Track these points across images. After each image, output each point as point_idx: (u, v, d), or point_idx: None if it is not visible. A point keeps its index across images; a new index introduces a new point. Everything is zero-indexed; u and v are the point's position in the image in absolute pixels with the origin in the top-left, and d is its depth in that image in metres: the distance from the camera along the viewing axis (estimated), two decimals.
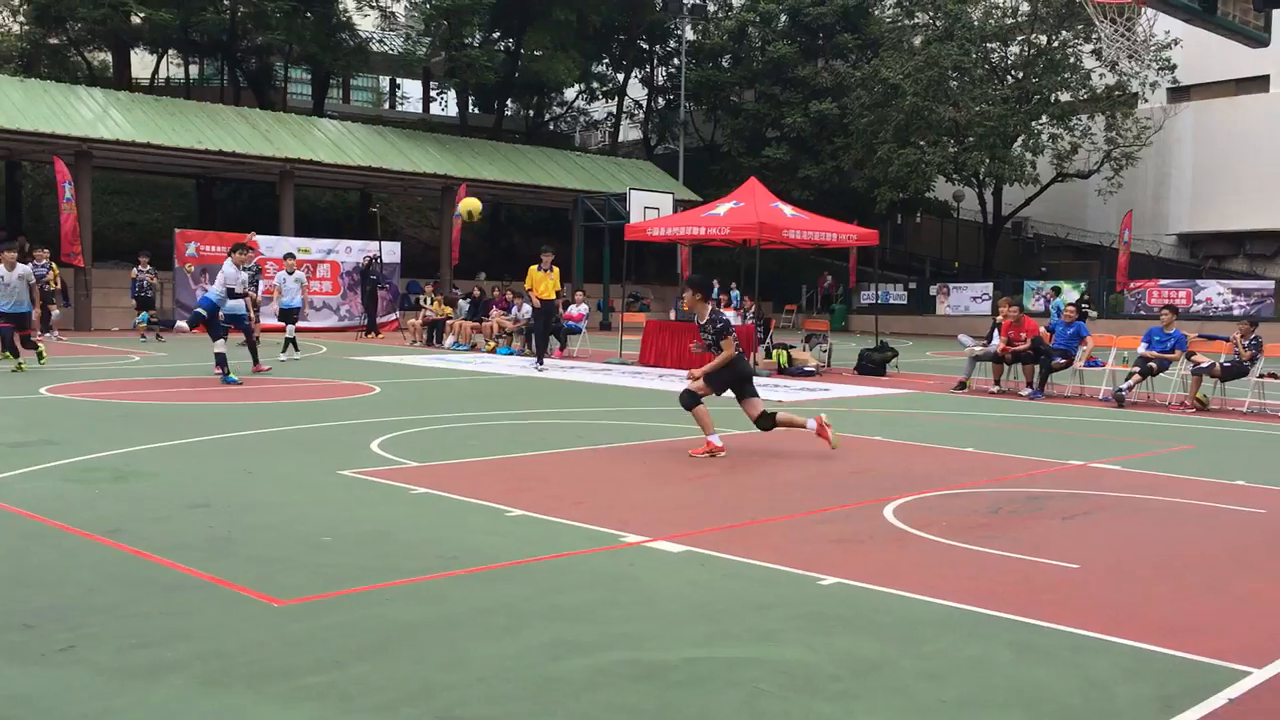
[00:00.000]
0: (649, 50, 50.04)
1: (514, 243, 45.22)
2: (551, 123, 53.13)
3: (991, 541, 6.25)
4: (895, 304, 41.85)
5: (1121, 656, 4.32)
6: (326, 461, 8.37)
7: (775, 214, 19.91)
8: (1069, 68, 40.30)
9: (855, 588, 5.22)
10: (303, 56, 40.73)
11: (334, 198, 43.58)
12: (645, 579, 5.32)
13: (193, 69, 47.53)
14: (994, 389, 16.29)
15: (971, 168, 40.81)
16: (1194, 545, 6.46)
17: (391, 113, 55.12)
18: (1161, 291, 35.13)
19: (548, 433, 10.70)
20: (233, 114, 33.36)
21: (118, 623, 4.43)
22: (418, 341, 25.67)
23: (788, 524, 6.67)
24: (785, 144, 44.47)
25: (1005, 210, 44.75)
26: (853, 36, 45.39)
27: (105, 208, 36.48)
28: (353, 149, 33.90)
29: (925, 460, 9.48)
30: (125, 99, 31.83)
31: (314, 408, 12.23)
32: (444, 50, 40.48)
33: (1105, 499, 7.77)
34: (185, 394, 13.18)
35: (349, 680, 3.87)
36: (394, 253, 32.13)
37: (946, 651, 4.34)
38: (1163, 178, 45.05)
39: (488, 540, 6.03)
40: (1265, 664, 4.25)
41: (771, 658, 4.22)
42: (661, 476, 8.34)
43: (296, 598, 4.83)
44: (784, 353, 19.23)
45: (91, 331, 26.62)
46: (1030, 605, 4.97)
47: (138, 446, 8.90)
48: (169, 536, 5.89)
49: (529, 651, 4.21)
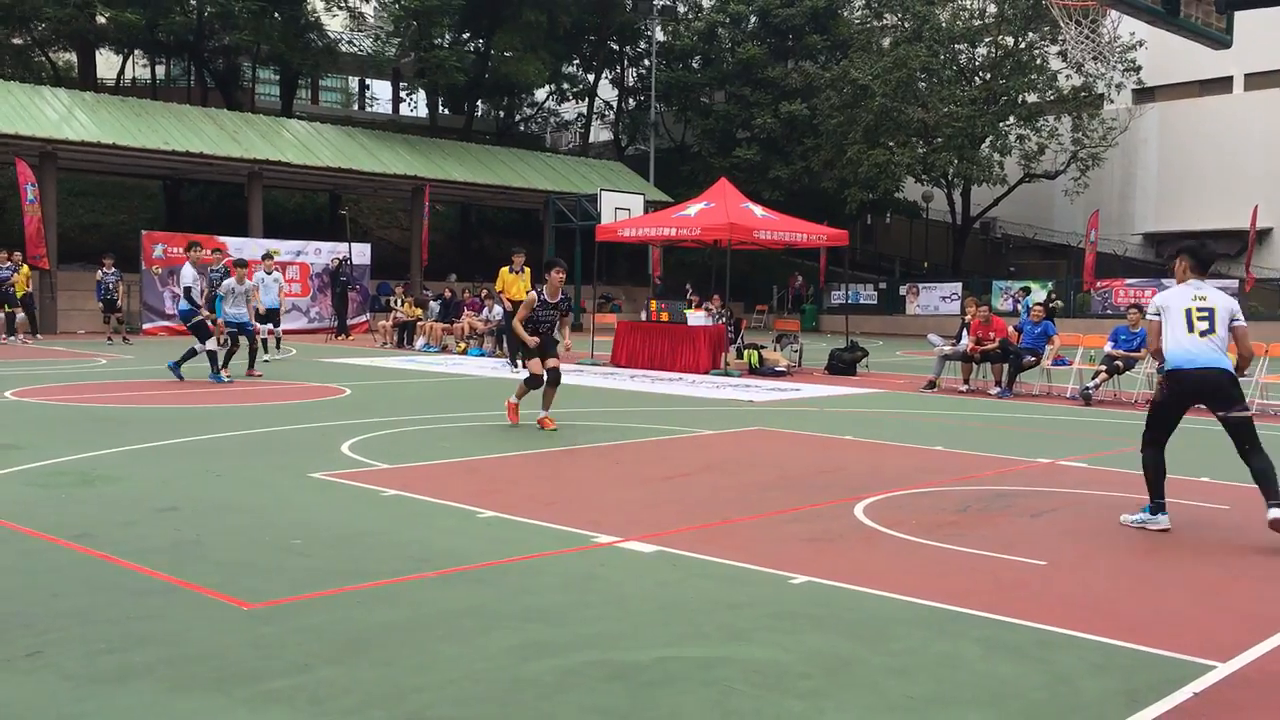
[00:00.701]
0: (619, 51, 50.05)
1: (485, 244, 45.13)
2: (522, 124, 53.05)
3: (960, 539, 6.29)
4: (865, 304, 42.05)
5: (1088, 652, 4.36)
6: (296, 464, 8.32)
7: (746, 214, 19.97)
8: (1036, 69, 40.64)
9: (826, 586, 5.24)
10: (270, 57, 40.47)
11: (303, 199, 43.33)
12: (616, 579, 5.33)
13: (159, 69, 47.14)
14: (963, 388, 16.41)
15: (940, 168, 41.08)
16: (1159, 541, 6.53)
17: (361, 114, 54.86)
18: (1128, 291, 35.46)
19: (519, 434, 10.68)
20: (200, 115, 33.10)
21: (85, 628, 4.39)
22: (388, 343, 25.55)
23: (758, 523, 6.69)
24: (755, 145, 44.60)
25: (974, 210, 45.07)
26: (822, 38, 45.58)
27: (71, 209, 36.12)
28: (322, 150, 33.72)
29: (895, 459, 9.54)
30: (90, 100, 31.52)
31: (284, 410, 12.16)
32: (413, 51, 40.36)
33: (1072, 496, 7.85)
34: (153, 397, 13.07)
35: (318, 683, 3.86)
36: (364, 254, 31.98)
37: (916, 649, 4.37)
38: (1128, 178, 45.50)
39: (458, 542, 6.01)
40: (1229, 658, 4.31)
41: (742, 656, 4.23)
42: (633, 477, 8.34)
43: (265, 601, 4.80)
44: (755, 353, 19.29)
45: (57, 334, 26.34)
46: (998, 602, 5.02)
47: (105, 450, 8.82)
48: (137, 540, 5.85)
49: (499, 653, 4.21)
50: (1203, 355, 6.55)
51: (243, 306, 16.18)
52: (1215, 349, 6.55)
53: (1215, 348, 6.56)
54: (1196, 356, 6.55)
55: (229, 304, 16.15)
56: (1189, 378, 6.54)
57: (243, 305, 16.18)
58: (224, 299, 16.25)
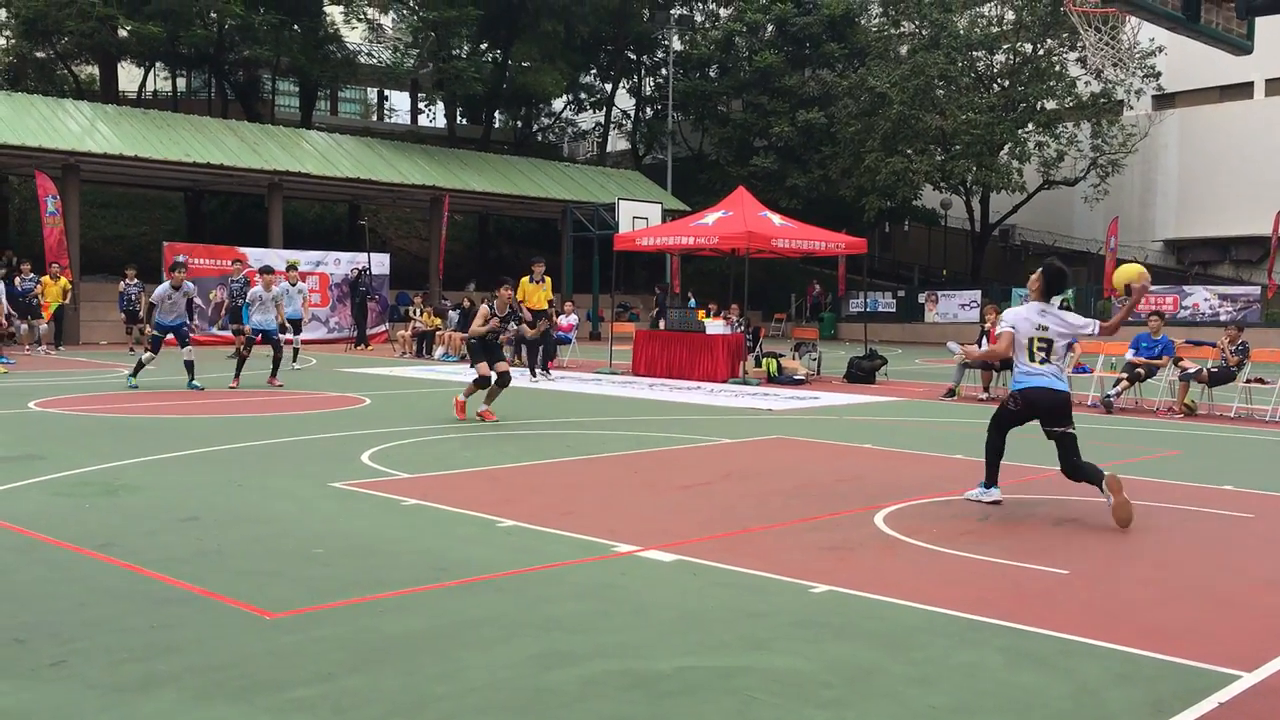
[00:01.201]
0: (636, 60, 50.15)
1: (503, 253, 45.25)
2: (539, 133, 53.19)
3: (981, 547, 6.27)
4: (884, 312, 41.93)
5: (1112, 661, 4.33)
6: (317, 474, 8.36)
7: (763, 223, 19.95)
8: (1054, 76, 40.50)
9: (846, 595, 5.23)
10: (290, 69, 40.74)
11: (322, 209, 43.55)
12: (636, 588, 5.33)
13: (180, 82, 47.50)
14: (983, 396, 16.34)
15: (959, 176, 40.96)
16: (1182, 550, 6.49)
17: (379, 124, 55.11)
18: (1149, 298, 35.26)
19: (538, 443, 10.70)
20: (220, 126, 33.33)
21: (109, 637, 4.42)
22: (407, 353, 25.63)
23: (779, 532, 6.68)
24: (773, 153, 44.58)
25: (993, 218, 44.93)
26: (839, 46, 45.55)
27: (93, 221, 36.39)
28: (341, 161, 33.89)
29: (915, 467, 9.51)
30: (113, 112, 31.78)
31: (304, 420, 12.21)
32: (432, 62, 40.52)
33: (1094, 505, 7.80)
34: (174, 407, 13.15)
35: (341, 692, 3.87)
36: (383, 264, 32.11)
37: (937, 658, 4.35)
38: (1149, 184, 45.28)
39: (479, 551, 6.02)
40: (1255, 668, 4.28)
41: (763, 666, 4.23)
42: (652, 486, 8.34)
43: (288, 610, 4.83)
44: (774, 361, 19.27)
45: (79, 345, 26.53)
46: (1020, 611, 4.99)
47: (127, 460, 8.88)
48: (160, 550, 5.88)
49: (521, 662, 4.21)
50: (1043, 379, 7.43)
51: (271, 314, 16.33)
52: (1054, 374, 7.43)
53: (1053, 373, 7.43)
54: (1039, 380, 7.44)
55: (256, 311, 16.30)
56: (1032, 396, 7.46)
57: (271, 312, 16.34)
58: (251, 306, 16.39)
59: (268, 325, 16.29)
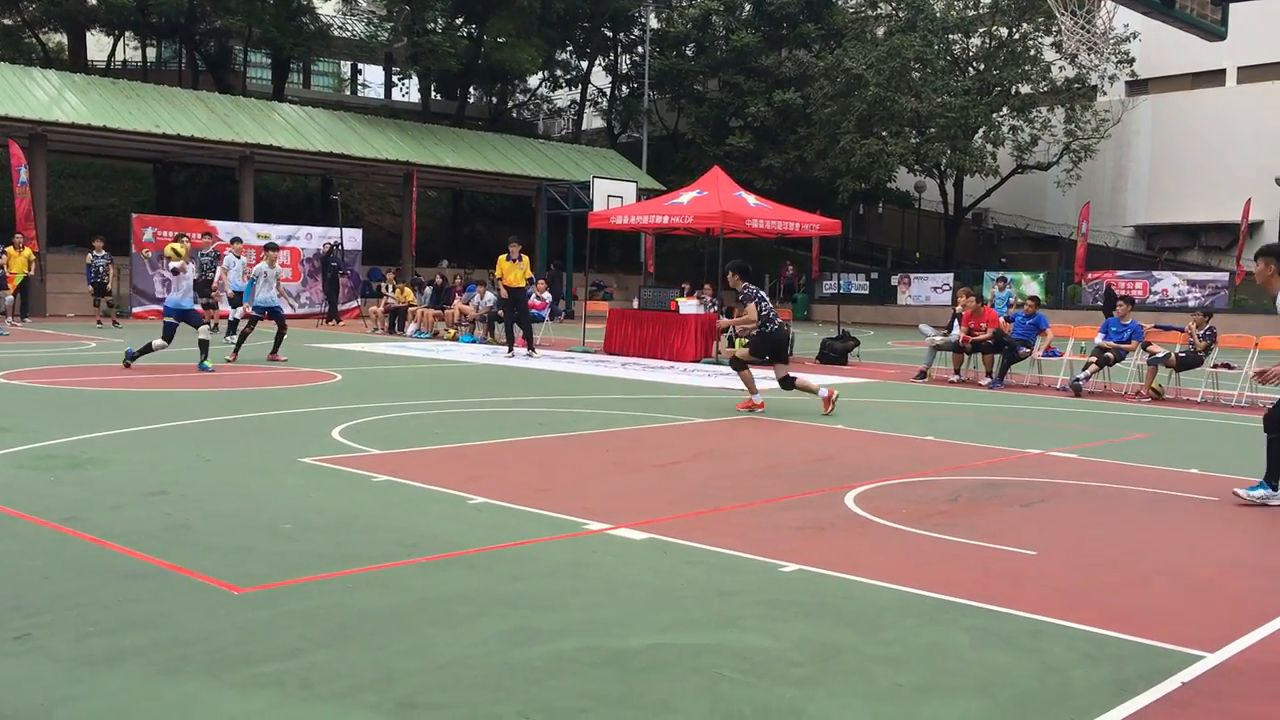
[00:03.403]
0: (612, 38, 49.88)
1: (476, 230, 45.03)
2: (515, 110, 52.86)
3: (951, 528, 6.31)
4: (857, 293, 42.07)
5: (1078, 641, 4.37)
6: (287, 449, 8.31)
7: (738, 203, 19.95)
8: (1029, 60, 40.64)
9: (816, 574, 5.25)
10: (262, 40, 40.24)
11: (294, 183, 43.15)
12: (608, 566, 5.33)
13: (150, 52, 46.89)
14: (954, 378, 16.43)
15: (933, 158, 41.08)
16: (1148, 532, 6.56)
17: (353, 98, 54.62)
18: (1118, 283, 35.54)
19: (510, 420, 10.68)
20: (191, 98, 32.92)
21: (74, 611, 4.38)
22: (379, 329, 25.51)
23: (750, 511, 6.69)
24: (748, 133, 44.52)
25: (966, 201, 45.10)
26: (816, 26, 45.49)
27: (60, 192, 35.91)
28: (313, 134, 33.58)
29: (886, 448, 9.56)
30: (81, 81, 31.32)
31: (274, 395, 12.13)
32: (406, 36, 40.13)
33: (1062, 487, 7.87)
34: (143, 381, 13.03)
35: (309, 667, 3.85)
36: (355, 239, 31.90)
37: (906, 637, 4.38)
38: (1121, 170, 45.57)
39: (450, 528, 6.01)
40: (1218, 648, 4.33)
41: (733, 644, 4.24)
42: (624, 465, 8.34)
43: (256, 585, 4.79)
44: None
45: (45, 317, 26.23)
46: (988, 591, 5.03)
47: (94, 433, 8.80)
48: (127, 524, 5.83)
49: (490, 639, 4.21)
50: None
51: (274, 290, 16.47)
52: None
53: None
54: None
55: (261, 288, 16.43)
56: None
57: (274, 289, 16.48)
58: (256, 283, 16.52)
59: (271, 301, 16.42)
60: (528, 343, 19.13)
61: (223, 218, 30.38)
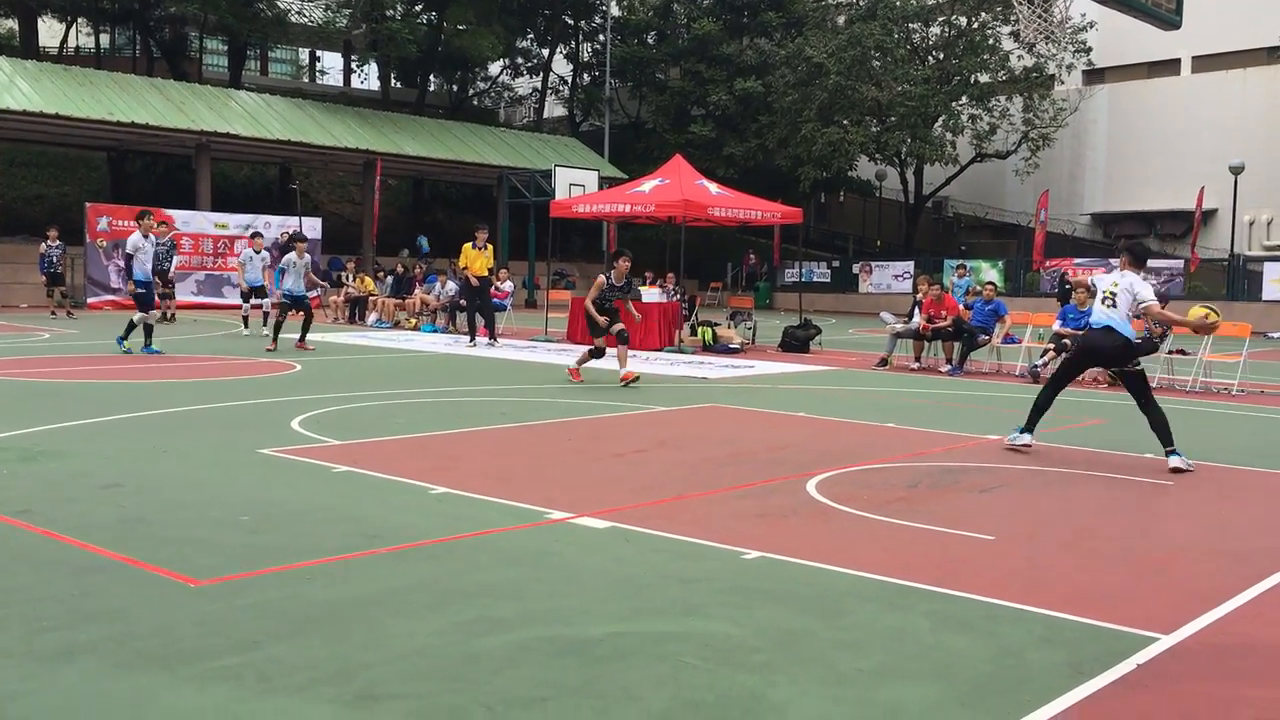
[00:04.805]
0: (574, 26, 49.72)
1: (438, 219, 44.76)
2: (475, 98, 52.60)
3: (910, 515, 6.35)
4: (819, 282, 42.25)
5: (1035, 624, 4.42)
6: (245, 440, 8.22)
7: (700, 191, 19.95)
8: (988, 49, 40.94)
9: (778, 561, 5.27)
10: (218, 26, 39.77)
11: (252, 172, 42.72)
12: (569, 555, 5.32)
13: (103, 38, 46.18)
14: (914, 365, 16.55)
15: (893, 147, 41.31)
16: (1105, 516, 6.63)
17: (311, 86, 54.13)
18: (1075, 270, 35.90)
19: (472, 410, 10.63)
20: (146, 85, 32.48)
21: (26, 606, 4.31)
22: (340, 319, 25.31)
23: (712, 499, 6.71)
24: (710, 122, 44.56)
25: (926, 190, 45.41)
26: (777, 15, 45.57)
27: (13, 180, 35.36)
28: (271, 122, 33.22)
29: (847, 435, 9.60)
30: (33, 68, 30.79)
31: (233, 385, 12.01)
32: (365, 22, 39.81)
33: (1020, 472, 7.94)
34: (97, 372, 12.85)
35: (267, 660, 3.82)
36: (314, 228, 31.60)
37: (866, 622, 4.41)
38: (1078, 159, 46.03)
39: (410, 518, 5.97)
40: (1173, 630, 4.39)
41: (695, 631, 4.25)
42: (586, 453, 8.33)
43: (213, 578, 4.74)
44: (709, 330, 19.32)
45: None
46: (947, 576, 5.07)
47: (47, 426, 8.66)
48: (80, 517, 5.75)
49: (450, 629, 4.19)
50: None
51: (300, 280, 16.87)
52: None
53: None
54: None
55: (288, 279, 16.83)
56: None
57: (301, 279, 16.88)
58: (284, 273, 16.92)
59: (298, 290, 16.84)
60: (490, 332, 19.06)
61: (179, 206, 30.01)
